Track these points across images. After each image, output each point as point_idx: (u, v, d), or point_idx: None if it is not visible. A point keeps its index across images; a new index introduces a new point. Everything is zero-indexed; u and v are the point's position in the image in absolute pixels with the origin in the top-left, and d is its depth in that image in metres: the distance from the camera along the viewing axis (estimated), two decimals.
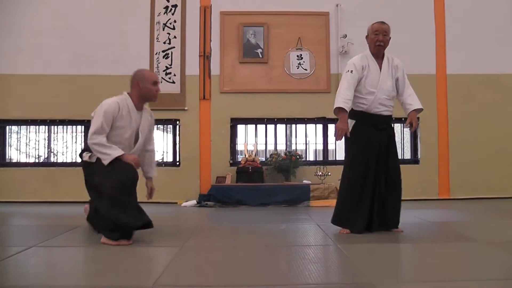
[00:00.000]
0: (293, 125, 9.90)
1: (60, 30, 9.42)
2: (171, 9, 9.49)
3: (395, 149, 5.34)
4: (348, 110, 5.08)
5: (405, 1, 9.65)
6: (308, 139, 9.90)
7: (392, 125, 5.48)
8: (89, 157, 4.82)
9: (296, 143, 9.84)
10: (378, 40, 5.15)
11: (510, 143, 9.58)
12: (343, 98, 5.03)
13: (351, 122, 5.18)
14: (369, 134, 5.18)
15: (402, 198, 5.24)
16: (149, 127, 5.27)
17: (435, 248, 4.45)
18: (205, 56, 9.47)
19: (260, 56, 9.48)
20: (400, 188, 5.26)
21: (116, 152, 4.69)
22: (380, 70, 5.22)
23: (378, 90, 5.17)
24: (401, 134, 9.89)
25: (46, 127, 9.75)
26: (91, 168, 4.85)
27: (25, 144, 9.76)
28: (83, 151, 4.99)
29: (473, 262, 3.78)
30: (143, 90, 5.02)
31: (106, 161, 4.68)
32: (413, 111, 5.30)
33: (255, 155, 9.32)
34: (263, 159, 9.57)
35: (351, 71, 5.14)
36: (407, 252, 4.27)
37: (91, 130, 4.79)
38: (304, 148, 9.90)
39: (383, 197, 5.13)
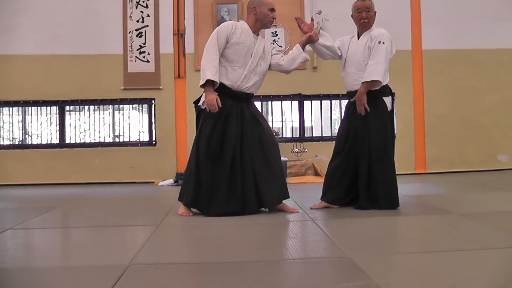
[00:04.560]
0: (269, 102, 9.89)
1: (31, 9, 9.27)
2: None
3: (377, 124, 5.02)
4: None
5: None
6: (285, 117, 9.89)
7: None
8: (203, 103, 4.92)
9: (272, 121, 9.82)
10: (362, 18, 5.05)
11: (484, 117, 9.68)
12: None
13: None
14: (348, 110, 5.19)
15: None
16: (265, 53, 5.07)
17: (411, 221, 4.50)
18: (179, 34, 9.39)
19: None
20: (387, 164, 5.04)
21: (210, 76, 4.70)
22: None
23: (348, 63, 5.13)
24: None
25: (20, 108, 9.64)
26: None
27: None
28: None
29: (447, 234, 3.82)
30: (260, 14, 4.95)
31: (200, 81, 4.76)
32: (362, 84, 4.97)
33: None
34: None
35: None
36: (384, 226, 4.29)
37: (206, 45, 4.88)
38: (281, 125, 9.90)
39: (368, 172, 5.00)
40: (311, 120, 9.77)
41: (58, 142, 9.60)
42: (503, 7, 9.81)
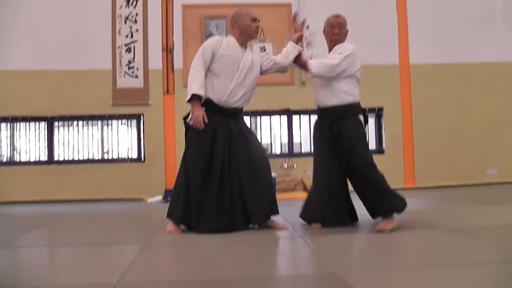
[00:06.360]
0: (258, 118, 9.89)
1: (20, 24, 9.22)
2: (132, 2, 9.38)
3: (354, 141, 4.94)
4: None
5: None
6: (274, 132, 9.89)
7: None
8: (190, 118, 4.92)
9: (261, 136, 9.81)
10: (334, 34, 5.04)
11: (473, 131, 9.70)
12: None
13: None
14: (322, 127, 5.08)
15: None
16: (254, 64, 5.07)
17: (400, 236, 4.48)
18: (167, 50, 9.39)
19: None
20: (371, 177, 5.06)
21: (195, 90, 4.72)
22: None
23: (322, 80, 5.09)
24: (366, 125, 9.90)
25: (9, 124, 9.58)
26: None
27: None
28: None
29: (436, 249, 3.84)
30: (243, 26, 4.99)
31: (187, 96, 4.79)
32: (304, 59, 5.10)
33: None
34: None
35: None
36: (373, 241, 4.28)
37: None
38: (270, 141, 9.89)
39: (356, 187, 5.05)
40: (300, 136, 9.77)
41: (46, 159, 9.53)
42: (490, 22, 9.89)
